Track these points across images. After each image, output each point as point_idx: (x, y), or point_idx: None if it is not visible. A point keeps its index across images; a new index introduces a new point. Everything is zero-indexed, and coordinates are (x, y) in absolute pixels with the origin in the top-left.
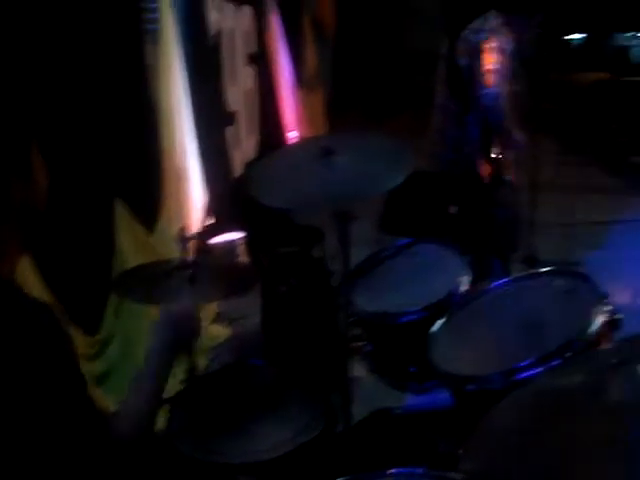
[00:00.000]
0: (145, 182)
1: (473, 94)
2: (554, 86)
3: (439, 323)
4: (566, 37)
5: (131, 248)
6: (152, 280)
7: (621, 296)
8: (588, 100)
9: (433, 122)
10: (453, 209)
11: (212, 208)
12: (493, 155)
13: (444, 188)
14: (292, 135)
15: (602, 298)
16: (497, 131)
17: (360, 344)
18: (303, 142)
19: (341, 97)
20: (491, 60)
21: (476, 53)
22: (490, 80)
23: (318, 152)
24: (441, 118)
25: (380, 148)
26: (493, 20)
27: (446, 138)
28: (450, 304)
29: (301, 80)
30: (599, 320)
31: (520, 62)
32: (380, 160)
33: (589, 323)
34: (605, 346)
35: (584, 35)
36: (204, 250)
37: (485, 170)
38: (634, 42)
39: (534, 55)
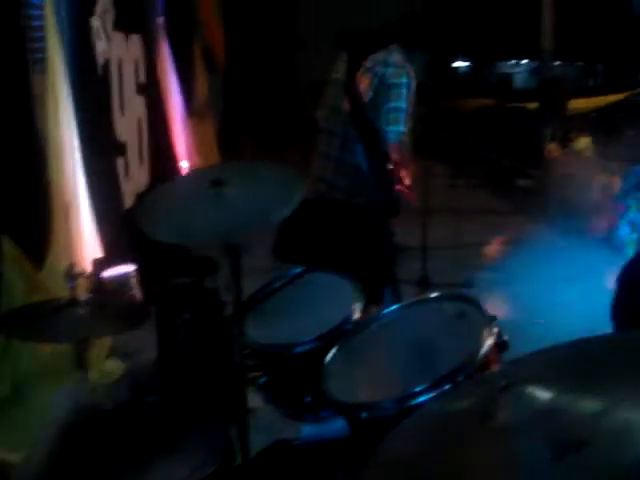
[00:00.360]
0: (33, 217)
1: (375, 127)
2: (443, 113)
3: (332, 352)
4: (453, 65)
5: (19, 285)
6: (41, 318)
7: (509, 317)
8: (475, 126)
9: (319, 148)
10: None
11: (103, 241)
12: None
13: (335, 215)
14: (183, 165)
15: (490, 321)
16: (391, 165)
17: (255, 375)
18: (192, 173)
19: (232, 126)
20: (398, 96)
21: (384, 88)
22: (397, 118)
23: (207, 184)
24: (327, 142)
25: (270, 178)
26: (397, 55)
27: (335, 164)
28: (343, 332)
29: (192, 109)
30: (488, 343)
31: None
32: (270, 190)
33: (478, 346)
34: (494, 369)
35: (469, 63)
36: (95, 285)
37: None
38: (516, 69)
39: (424, 83)
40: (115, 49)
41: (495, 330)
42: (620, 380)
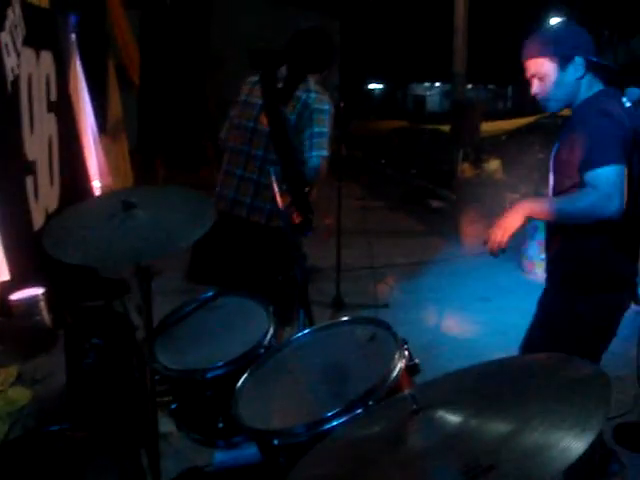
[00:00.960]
0: None
1: (296, 150)
2: (356, 134)
3: (244, 377)
4: (367, 87)
5: None
6: None
7: (423, 338)
8: (388, 147)
9: (232, 164)
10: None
11: (11, 263)
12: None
13: (252, 237)
14: (96, 185)
15: (401, 344)
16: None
17: (167, 400)
18: (103, 195)
19: (146, 146)
20: (321, 122)
21: (307, 113)
22: (321, 143)
23: (119, 206)
24: (242, 163)
25: (182, 200)
26: (316, 85)
27: (255, 187)
28: (255, 357)
29: (105, 128)
30: (399, 366)
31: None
32: (182, 213)
33: (389, 370)
34: (405, 392)
35: (383, 85)
36: (3, 308)
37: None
38: (430, 92)
39: (339, 105)
40: (25, 65)
41: (406, 353)
42: (527, 401)
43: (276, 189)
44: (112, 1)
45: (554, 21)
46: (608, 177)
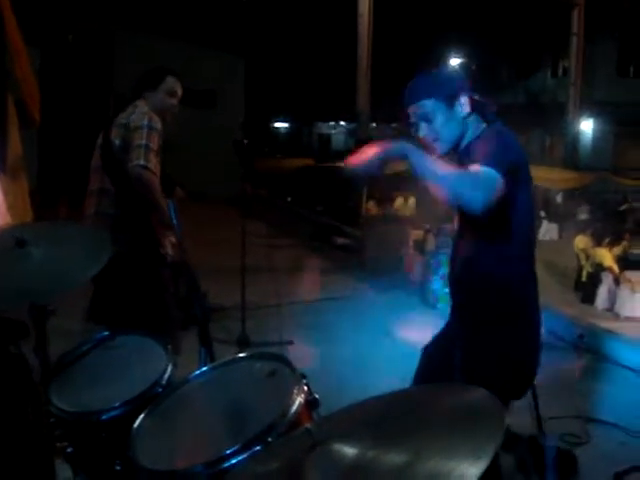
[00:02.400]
0: None
1: (125, 173)
2: (262, 172)
3: (141, 417)
4: (273, 125)
5: None
6: None
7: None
8: (294, 185)
9: (86, 206)
10: None
11: None
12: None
13: (132, 270)
14: None
15: (300, 379)
16: (153, 209)
17: (63, 444)
18: None
19: (47, 185)
20: (140, 135)
21: (129, 133)
22: (139, 153)
23: (11, 243)
24: (95, 202)
25: (77, 236)
26: (144, 106)
27: (104, 218)
28: (153, 396)
29: (4, 166)
30: (298, 401)
31: (235, 150)
32: (77, 249)
33: (288, 405)
34: (305, 426)
35: (289, 124)
36: None
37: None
38: (335, 130)
39: (240, 142)
40: None
41: (305, 388)
42: (423, 431)
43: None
44: (12, 36)
45: (454, 61)
46: (488, 175)
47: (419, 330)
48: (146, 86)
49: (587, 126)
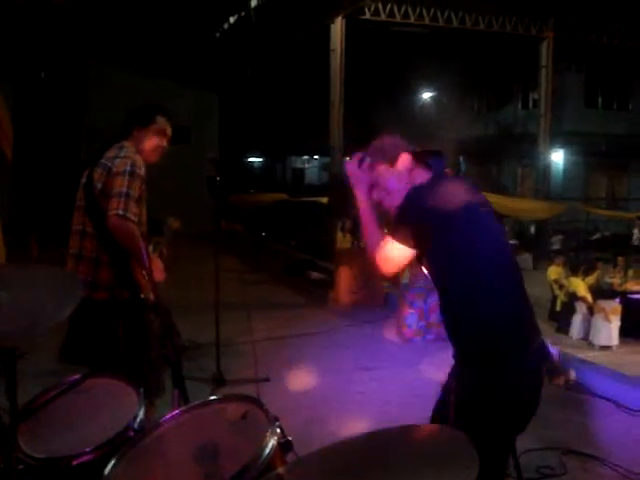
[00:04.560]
0: None
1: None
2: (235, 207)
3: (112, 462)
4: (246, 160)
5: None
6: None
7: (305, 410)
8: (268, 219)
9: (70, 245)
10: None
11: None
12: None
13: (113, 314)
14: None
15: (274, 421)
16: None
17: None
18: None
19: (19, 222)
20: (121, 183)
21: (110, 178)
22: (118, 202)
23: None
24: (77, 243)
25: (47, 279)
26: (130, 148)
27: (86, 261)
28: (124, 440)
29: None
30: (271, 444)
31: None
32: (47, 292)
33: (261, 448)
34: (279, 469)
35: (262, 158)
36: None
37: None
38: (308, 165)
39: (212, 178)
40: None
41: (278, 430)
42: (397, 474)
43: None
44: None
45: (426, 95)
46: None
47: (395, 365)
48: (135, 124)
49: (558, 157)
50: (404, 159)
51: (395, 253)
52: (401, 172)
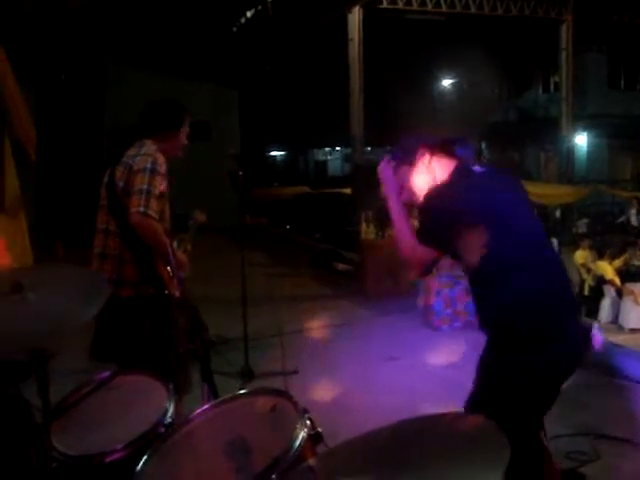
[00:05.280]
0: None
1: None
2: (259, 201)
3: (144, 459)
4: (269, 154)
5: None
6: None
7: (333, 402)
8: (292, 212)
9: (94, 244)
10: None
11: None
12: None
13: (139, 311)
14: None
15: (303, 413)
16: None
17: None
18: None
19: (45, 223)
20: (141, 180)
21: (132, 176)
22: (139, 199)
23: (7, 288)
24: (101, 242)
25: (74, 278)
26: (151, 146)
27: (111, 260)
28: (156, 437)
29: (1, 206)
30: (301, 436)
31: (231, 180)
32: (74, 292)
33: (291, 441)
34: (310, 461)
35: (285, 152)
36: None
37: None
38: (330, 156)
39: (235, 173)
40: None
41: (308, 422)
42: (427, 463)
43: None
44: (6, 76)
45: (446, 82)
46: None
47: (422, 353)
48: (168, 127)
49: (581, 140)
50: (423, 157)
51: (425, 255)
52: (423, 171)
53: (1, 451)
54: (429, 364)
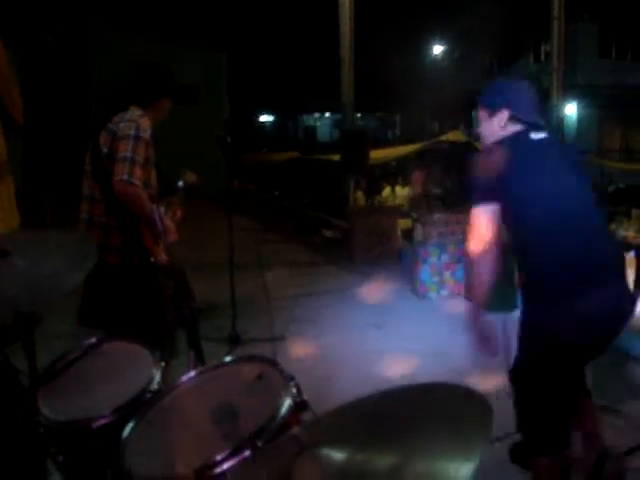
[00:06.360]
0: None
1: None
2: (248, 167)
3: (131, 425)
4: (258, 119)
5: None
6: None
7: (319, 369)
8: (281, 178)
9: (80, 209)
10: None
11: None
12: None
13: (125, 277)
14: None
15: (289, 381)
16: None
17: (53, 452)
18: None
19: (33, 187)
20: (125, 147)
21: (116, 142)
22: (123, 167)
23: None
24: (87, 208)
25: (61, 243)
26: (136, 111)
27: (97, 226)
28: (142, 403)
29: None
30: (287, 404)
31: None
32: (61, 256)
33: (277, 408)
34: (295, 430)
35: (274, 117)
36: None
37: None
38: (320, 122)
39: (222, 138)
40: None
41: (294, 390)
42: (410, 432)
43: None
44: None
45: (437, 49)
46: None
47: (409, 321)
48: (154, 92)
49: (571, 110)
50: (501, 116)
51: (483, 224)
52: (494, 125)
53: None
54: (416, 332)
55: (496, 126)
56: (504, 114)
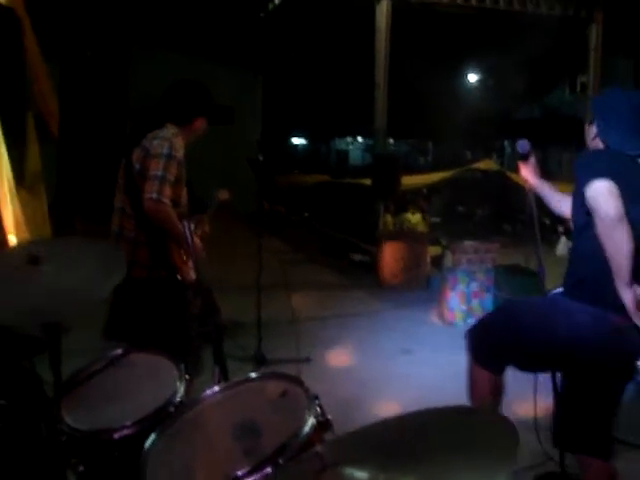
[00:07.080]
0: None
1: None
2: (279, 188)
3: (153, 437)
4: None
5: None
6: None
7: (345, 392)
8: (311, 201)
9: (112, 222)
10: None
11: None
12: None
13: (151, 292)
14: (11, 239)
15: (313, 400)
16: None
17: (74, 462)
18: (8, 250)
19: (65, 199)
20: (156, 165)
21: (148, 159)
22: (152, 185)
23: (24, 260)
24: (118, 221)
25: (91, 253)
26: (170, 129)
27: (125, 241)
28: (165, 415)
29: (22, 181)
30: (310, 423)
31: (250, 166)
32: (91, 266)
33: (300, 427)
34: (316, 449)
35: (306, 140)
36: None
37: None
38: (352, 146)
39: (254, 159)
40: None
41: (318, 409)
42: (433, 456)
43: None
44: (31, 52)
45: (472, 77)
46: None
47: (436, 348)
48: (190, 110)
49: None
50: (592, 130)
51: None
52: (590, 136)
53: (12, 423)
54: (442, 359)
55: (591, 138)
56: (593, 129)
